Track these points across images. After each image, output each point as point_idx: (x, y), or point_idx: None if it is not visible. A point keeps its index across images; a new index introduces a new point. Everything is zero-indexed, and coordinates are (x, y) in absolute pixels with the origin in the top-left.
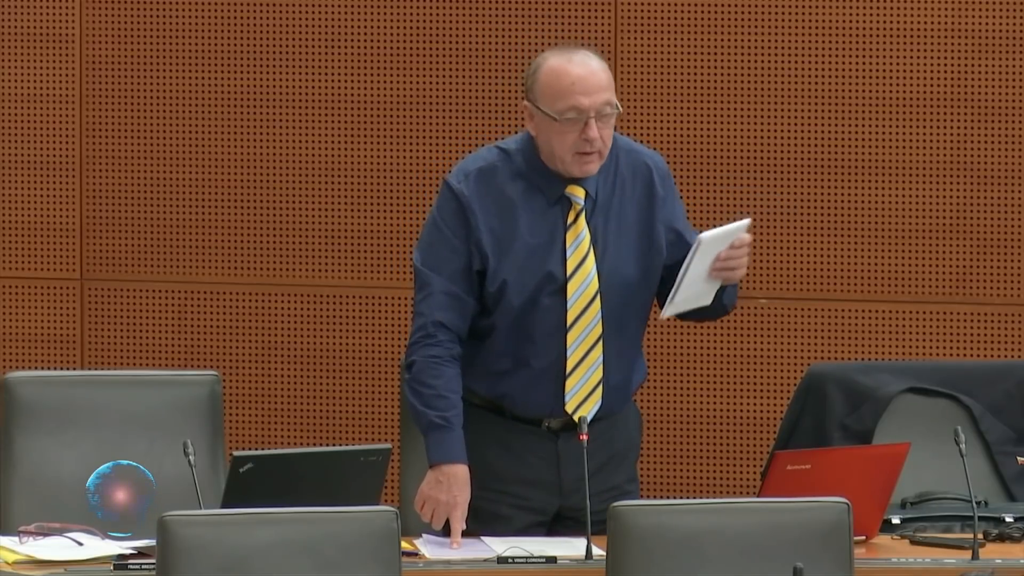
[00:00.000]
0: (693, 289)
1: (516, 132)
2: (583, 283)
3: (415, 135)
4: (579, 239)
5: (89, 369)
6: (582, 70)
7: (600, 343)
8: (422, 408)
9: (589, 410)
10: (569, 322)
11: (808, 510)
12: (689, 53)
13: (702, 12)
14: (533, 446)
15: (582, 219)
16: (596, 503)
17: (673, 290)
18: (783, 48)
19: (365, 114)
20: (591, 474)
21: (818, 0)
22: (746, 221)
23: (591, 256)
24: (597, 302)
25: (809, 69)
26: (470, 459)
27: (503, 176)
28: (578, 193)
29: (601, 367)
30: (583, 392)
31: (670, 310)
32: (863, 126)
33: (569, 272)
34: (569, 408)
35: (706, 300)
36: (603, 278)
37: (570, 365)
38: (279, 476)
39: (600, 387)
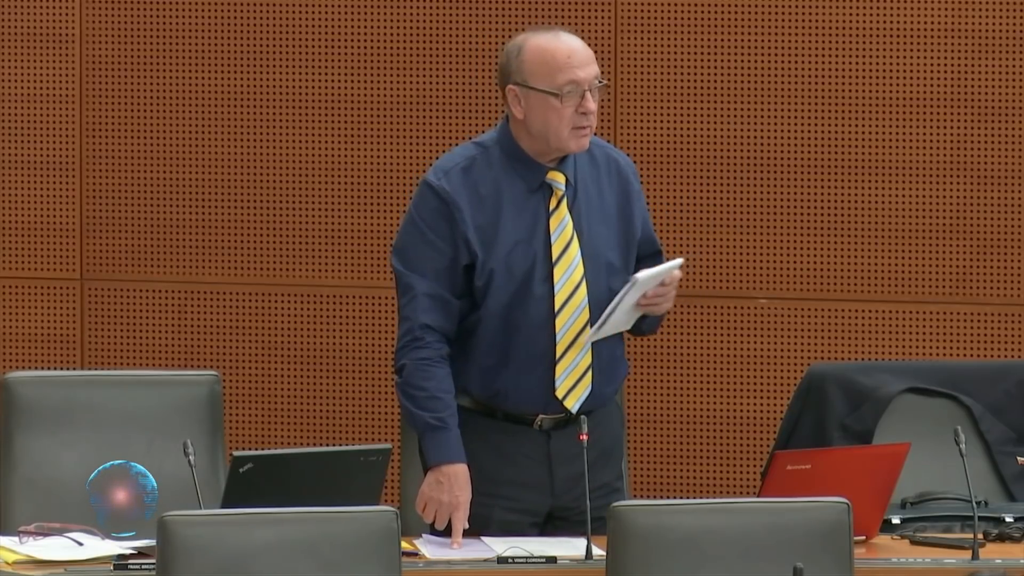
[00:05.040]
0: (619, 318)
1: None
2: (569, 268)
3: (415, 135)
4: (562, 225)
5: (89, 369)
6: (573, 44)
7: (588, 328)
8: (416, 411)
9: (579, 396)
10: (557, 307)
11: (808, 510)
12: (689, 53)
13: (702, 12)
14: (525, 447)
15: (564, 205)
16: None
17: (602, 319)
18: (783, 48)
19: (365, 114)
20: (583, 473)
21: (818, 0)
22: (679, 260)
23: (575, 241)
24: (583, 287)
25: (809, 69)
26: None
27: (482, 169)
28: (559, 179)
29: (589, 352)
30: (573, 377)
31: (595, 336)
32: (863, 126)
33: (555, 258)
34: (559, 394)
35: (626, 327)
36: (587, 263)
37: (559, 351)
38: (279, 476)
39: (589, 372)
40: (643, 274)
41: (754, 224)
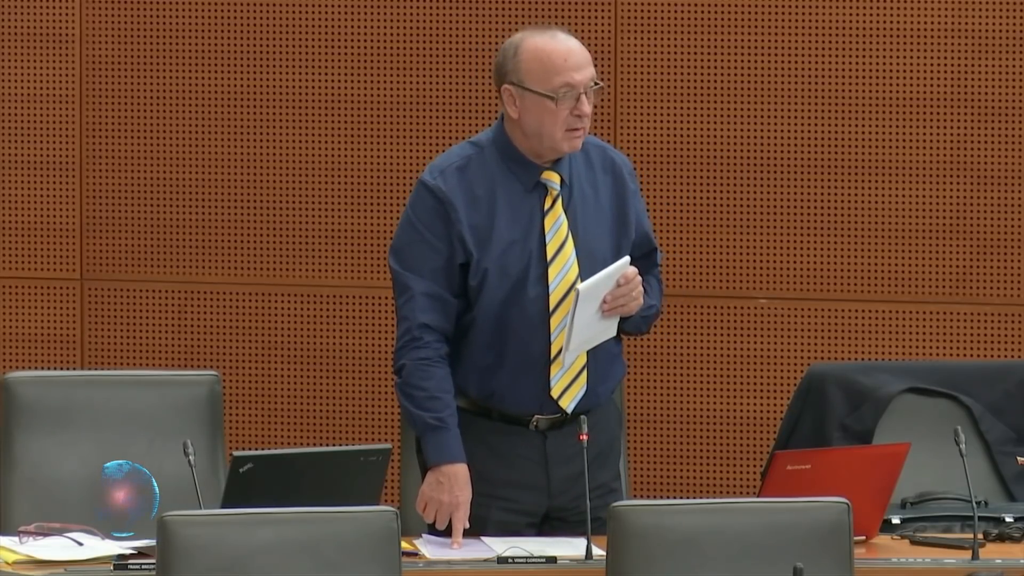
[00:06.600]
0: (588, 332)
1: None
2: (563, 268)
3: (415, 135)
4: (557, 224)
5: (89, 369)
6: (570, 45)
7: None
8: (416, 411)
9: (574, 396)
10: (552, 307)
11: (808, 510)
12: (689, 53)
13: (702, 12)
14: (521, 448)
15: (559, 205)
16: (583, 502)
17: (566, 338)
18: (783, 48)
19: (365, 114)
20: (579, 473)
21: (818, 0)
22: (625, 259)
23: (570, 241)
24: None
25: (809, 69)
26: None
27: (478, 169)
28: (554, 179)
29: (584, 352)
30: (568, 377)
31: (568, 357)
32: (863, 126)
33: (549, 257)
34: (555, 394)
35: (610, 333)
36: (582, 262)
37: (554, 351)
38: (279, 476)
39: (584, 372)
40: (585, 283)
41: (754, 224)
